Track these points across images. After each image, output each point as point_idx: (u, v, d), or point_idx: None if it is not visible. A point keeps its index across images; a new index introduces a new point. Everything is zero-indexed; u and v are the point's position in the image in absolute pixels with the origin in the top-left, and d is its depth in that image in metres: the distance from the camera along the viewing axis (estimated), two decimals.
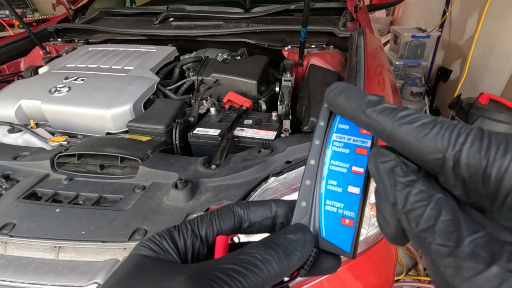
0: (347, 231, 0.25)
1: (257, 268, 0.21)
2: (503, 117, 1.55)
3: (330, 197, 0.26)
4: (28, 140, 0.94)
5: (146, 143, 0.84)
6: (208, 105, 1.05)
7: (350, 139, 0.26)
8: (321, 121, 0.27)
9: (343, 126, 0.26)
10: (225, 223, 0.26)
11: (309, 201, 0.26)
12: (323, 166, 0.26)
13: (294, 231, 0.25)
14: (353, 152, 0.26)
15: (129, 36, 1.53)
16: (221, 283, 0.20)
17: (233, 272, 0.21)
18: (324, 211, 0.26)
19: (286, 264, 0.23)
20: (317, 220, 0.26)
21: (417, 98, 2.89)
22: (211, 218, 0.26)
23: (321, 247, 0.26)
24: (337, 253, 0.25)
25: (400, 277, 1.55)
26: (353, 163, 0.26)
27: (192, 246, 0.25)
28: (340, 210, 0.26)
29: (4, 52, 1.43)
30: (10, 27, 3.30)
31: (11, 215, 0.65)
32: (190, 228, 0.25)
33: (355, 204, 0.25)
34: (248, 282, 0.21)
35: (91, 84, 1.04)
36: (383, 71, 1.08)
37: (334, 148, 0.26)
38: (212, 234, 0.26)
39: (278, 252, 0.23)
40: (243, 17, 1.48)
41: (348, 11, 1.45)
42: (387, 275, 0.75)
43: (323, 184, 0.26)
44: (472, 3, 2.45)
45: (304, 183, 0.27)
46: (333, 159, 0.26)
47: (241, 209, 0.27)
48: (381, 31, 4.40)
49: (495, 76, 2.20)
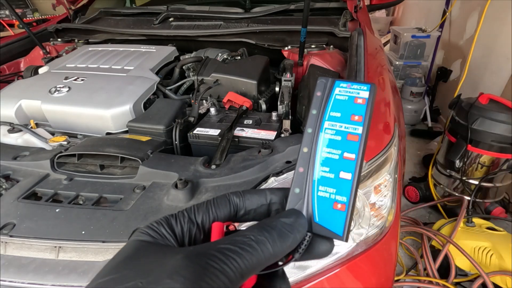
0: (340, 215, 0.26)
1: (252, 248, 0.22)
2: (503, 117, 1.55)
3: (322, 183, 0.27)
4: (28, 140, 0.94)
5: (146, 143, 0.84)
6: (208, 105, 1.05)
7: (342, 126, 0.27)
8: (313, 109, 0.28)
9: (335, 114, 0.27)
10: (221, 211, 0.27)
11: (303, 188, 0.27)
12: (316, 153, 0.27)
13: (288, 215, 0.26)
14: (345, 139, 0.27)
15: (129, 36, 1.53)
16: (217, 261, 0.21)
17: (229, 251, 0.22)
18: (317, 197, 0.27)
19: (280, 246, 0.24)
20: (310, 205, 0.27)
21: (417, 98, 2.89)
22: (207, 206, 0.27)
23: (315, 231, 0.26)
24: (330, 236, 0.26)
25: (400, 277, 1.55)
26: (345, 149, 0.26)
27: (189, 232, 0.26)
28: (332, 195, 0.26)
29: (4, 52, 1.43)
30: (10, 27, 3.30)
31: (11, 215, 0.65)
32: (187, 215, 0.26)
33: (347, 189, 0.26)
34: (243, 261, 0.21)
35: (91, 84, 1.04)
36: (383, 71, 1.08)
37: (326, 136, 0.27)
38: (208, 221, 0.26)
39: (272, 234, 0.24)
40: (243, 17, 1.47)
41: (348, 11, 1.45)
42: (387, 275, 0.75)
43: (316, 170, 0.27)
44: (472, 3, 2.45)
45: (298, 170, 0.27)
46: (326, 146, 0.27)
47: (236, 198, 0.28)
48: (381, 31, 4.40)
49: (495, 76, 2.20)
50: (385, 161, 0.73)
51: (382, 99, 0.90)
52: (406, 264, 1.65)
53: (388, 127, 0.79)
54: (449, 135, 1.82)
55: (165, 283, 0.19)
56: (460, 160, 1.73)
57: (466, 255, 1.41)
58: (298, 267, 0.66)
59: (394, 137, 0.78)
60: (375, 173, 0.71)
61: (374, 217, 0.71)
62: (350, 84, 0.28)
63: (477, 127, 1.61)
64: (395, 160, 0.77)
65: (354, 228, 0.69)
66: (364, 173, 0.69)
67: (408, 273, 1.58)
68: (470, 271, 1.47)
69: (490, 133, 1.59)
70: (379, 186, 0.72)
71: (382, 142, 0.74)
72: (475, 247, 1.48)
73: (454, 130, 1.76)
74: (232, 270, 0.21)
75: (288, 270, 0.66)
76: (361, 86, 0.27)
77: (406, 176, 2.28)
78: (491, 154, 1.64)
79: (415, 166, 2.45)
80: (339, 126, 0.27)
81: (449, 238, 1.48)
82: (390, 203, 0.74)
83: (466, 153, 1.70)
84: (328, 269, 0.67)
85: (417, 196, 2.04)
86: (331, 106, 0.27)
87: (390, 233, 0.75)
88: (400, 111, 1.10)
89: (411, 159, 2.51)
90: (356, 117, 0.27)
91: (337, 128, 0.27)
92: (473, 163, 1.72)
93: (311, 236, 0.26)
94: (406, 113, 2.87)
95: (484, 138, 1.61)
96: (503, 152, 1.62)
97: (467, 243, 1.49)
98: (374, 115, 0.77)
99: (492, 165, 1.68)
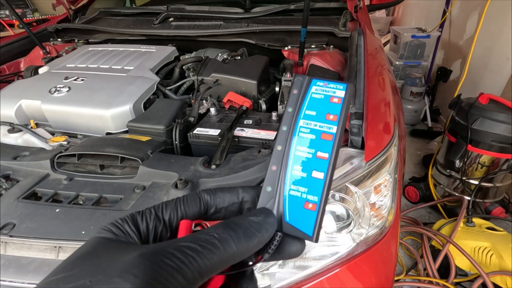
0: (310, 215, 0.26)
1: (214, 246, 0.21)
2: (503, 117, 1.55)
3: (295, 182, 0.26)
4: (28, 140, 0.94)
5: (146, 143, 0.84)
6: (208, 105, 1.05)
7: (317, 125, 0.27)
8: (289, 107, 0.28)
9: (310, 112, 0.27)
10: (190, 209, 0.26)
11: (275, 186, 0.27)
12: (290, 151, 0.27)
13: (257, 214, 0.26)
14: (319, 138, 0.26)
15: (129, 36, 1.53)
16: (174, 259, 0.20)
17: (188, 249, 0.21)
18: (289, 196, 0.26)
19: (245, 244, 0.23)
20: (281, 204, 0.26)
21: (417, 98, 2.89)
22: (176, 203, 0.26)
23: (285, 231, 0.26)
24: (300, 237, 0.26)
25: (400, 277, 1.55)
26: (318, 148, 0.26)
27: (154, 229, 0.25)
28: (304, 194, 0.26)
29: (4, 52, 1.43)
30: (10, 27, 3.30)
31: (11, 215, 0.65)
32: (154, 213, 0.25)
33: (318, 188, 0.26)
34: (202, 259, 0.21)
35: (91, 84, 1.04)
36: (383, 71, 1.08)
37: (300, 134, 0.27)
38: (176, 219, 0.26)
39: (237, 232, 0.23)
40: (243, 17, 1.47)
41: (348, 11, 1.45)
42: (387, 275, 0.75)
43: (289, 169, 0.27)
44: (472, 3, 2.45)
45: (271, 169, 0.27)
46: (299, 145, 0.27)
47: (207, 195, 0.27)
48: (381, 31, 4.40)
49: (495, 76, 2.20)
50: (385, 161, 0.73)
51: (382, 99, 0.90)
52: (406, 264, 1.65)
53: (388, 127, 0.79)
54: (449, 135, 1.82)
55: (114, 282, 0.18)
56: (460, 160, 1.73)
57: (466, 255, 1.41)
58: (298, 267, 0.66)
59: (394, 137, 0.78)
60: (375, 173, 0.71)
61: (374, 217, 0.71)
62: (326, 83, 0.28)
63: (477, 127, 1.61)
64: (395, 160, 0.77)
65: (354, 228, 0.69)
66: (364, 173, 0.69)
67: (408, 273, 1.58)
68: (470, 271, 1.47)
69: (490, 133, 1.59)
70: (379, 186, 0.72)
71: (382, 142, 0.74)
72: (475, 247, 1.48)
73: (454, 130, 1.76)
74: (190, 268, 0.20)
75: (288, 270, 0.66)
76: (337, 85, 0.27)
77: (406, 176, 2.28)
78: (491, 154, 1.64)
79: (415, 166, 2.45)
80: (313, 125, 0.27)
81: (449, 238, 1.48)
82: (390, 203, 0.74)
83: (466, 153, 1.70)
84: (328, 269, 0.67)
85: (417, 196, 2.04)
86: (307, 104, 0.27)
87: (390, 233, 0.75)
88: (400, 111, 1.10)
89: (411, 159, 2.51)
90: (331, 116, 0.27)
91: (312, 126, 0.27)
92: (473, 163, 1.72)
93: (281, 236, 0.26)
94: (406, 113, 2.87)
95: (484, 138, 1.61)
96: (503, 152, 1.62)
97: (467, 243, 1.49)
98: (374, 115, 0.77)
99: (492, 165, 1.68)
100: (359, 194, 0.69)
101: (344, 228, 0.69)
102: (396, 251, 0.79)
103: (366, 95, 0.83)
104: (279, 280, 0.66)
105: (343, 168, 0.68)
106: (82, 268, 0.20)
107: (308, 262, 0.67)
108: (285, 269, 0.66)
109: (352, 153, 0.70)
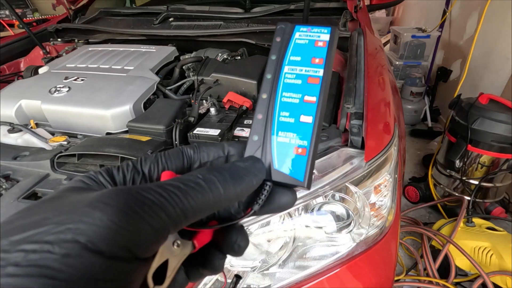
0: (300, 160, 0.25)
1: (198, 185, 0.19)
2: (503, 117, 1.55)
3: (282, 129, 0.26)
4: (28, 140, 0.94)
5: (146, 143, 0.84)
6: (208, 105, 1.05)
7: (302, 69, 0.26)
8: (272, 55, 0.27)
9: (295, 58, 0.27)
10: (172, 162, 0.24)
11: (261, 135, 0.26)
12: (276, 98, 0.26)
13: (244, 160, 0.25)
14: (305, 82, 0.26)
15: (129, 36, 1.53)
16: (154, 193, 0.17)
17: (170, 186, 0.18)
18: (277, 143, 0.26)
19: (232, 187, 0.21)
20: (269, 152, 0.25)
21: (417, 98, 2.89)
22: (156, 156, 0.24)
23: (274, 178, 0.25)
24: (291, 183, 0.25)
25: (400, 277, 1.55)
26: (306, 92, 0.26)
27: (132, 181, 0.22)
28: (292, 140, 0.25)
29: (4, 52, 1.43)
30: (10, 27, 3.30)
31: (11, 215, 0.65)
32: (132, 165, 0.23)
33: (308, 132, 0.25)
34: (186, 197, 0.18)
35: (91, 84, 1.04)
36: (383, 71, 1.08)
37: (286, 80, 0.26)
38: (157, 172, 0.23)
39: (224, 174, 0.21)
40: (243, 17, 1.47)
41: (348, 11, 1.44)
42: (387, 275, 0.75)
43: (276, 116, 0.26)
44: (472, 3, 2.45)
45: (256, 117, 0.26)
46: (285, 91, 0.26)
47: (190, 149, 0.25)
48: (381, 31, 4.40)
49: (495, 76, 2.20)
50: (385, 161, 0.73)
51: (382, 99, 0.90)
52: (406, 264, 1.65)
53: (388, 127, 0.79)
54: (449, 135, 1.82)
55: (82, 212, 0.16)
56: (460, 160, 1.73)
57: (466, 255, 1.41)
58: (298, 267, 0.66)
59: (394, 137, 0.78)
60: (375, 173, 0.71)
61: (374, 217, 0.71)
62: (310, 28, 0.27)
63: (477, 127, 1.61)
64: (395, 160, 0.77)
65: (354, 228, 0.69)
66: (364, 173, 0.69)
67: (408, 273, 1.58)
68: (470, 271, 1.47)
69: (490, 133, 1.59)
70: (379, 186, 0.72)
71: (382, 142, 0.74)
72: (475, 247, 1.48)
73: (454, 130, 1.76)
74: (172, 205, 0.18)
75: (288, 270, 0.66)
76: (321, 29, 0.27)
77: (406, 176, 2.28)
78: (491, 154, 1.64)
79: (415, 166, 2.45)
80: (299, 70, 0.26)
81: (449, 238, 1.48)
82: (390, 203, 0.74)
83: (466, 153, 1.70)
84: (328, 269, 0.67)
85: (417, 196, 2.04)
86: (291, 50, 0.27)
87: (390, 233, 0.75)
88: (400, 111, 1.10)
89: (411, 159, 2.51)
90: (317, 59, 0.26)
91: (297, 72, 0.26)
92: (473, 163, 1.72)
93: (271, 185, 0.25)
94: (406, 113, 2.87)
95: (484, 138, 1.61)
96: (503, 152, 1.62)
97: (467, 243, 1.49)
98: (374, 115, 0.77)
99: (492, 165, 1.69)
100: (359, 194, 0.69)
101: (344, 228, 0.69)
102: (396, 251, 0.79)
103: (366, 95, 0.83)
104: (279, 280, 0.66)
105: (343, 168, 0.68)
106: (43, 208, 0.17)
107: (308, 262, 0.67)
108: (285, 269, 0.66)
109: (352, 153, 0.70)
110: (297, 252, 0.67)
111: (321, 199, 0.67)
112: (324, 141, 0.72)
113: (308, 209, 0.67)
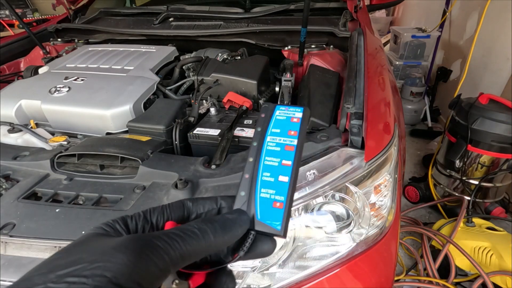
0: (278, 212, 0.30)
1: (194, 234, 0.25)
2: (503, 117, 1.55)
3: (264, 186, 0.31)
4: (28, 140, 0.94)
5: (146, 143, 0.84)
6: (208, 105, 1.05)
7: (281, 139, 0.33)
8: (258, 127, 0.34)
9: (275, 130, 0.34)
10: (175, 213, 0.30)
11: (247, 191, 0.31)
12: (260, 161, 0.32)
13: (232, 213, 0.30)
14: (283, 149, 0.32)
15: (129, 36, 1.53)
16: (161, 241, 0.23)
17: (173, 234, 0.24)
18: (260, 198, 0.31)
19: (221, 236, 0.27)
20: (253, 205, 0.31)
21: (417, 98, 2.89)
22: (162, 208, 0.30)
23: (257, 228, 0.30)
24: (270, 232, 0.30)
25: (400, 277, 1.55)
26: (283, 157, 0.32)
27: (143, 229, 0.28)
28: (272, 195, 0.31)
29: (4, 52, 1.43)
30: (10, 27, 3.30)
31: (11, 215, 0.65)
32: (142, 215, 0.28)
33: (284, 190, 0.31)
34: (184, 244, 0.24)
35: (91, 84, 1.04)
36: (383, 71, 1.08)
37: (268, 147, 0.33)
38: (162, 221, 0.29)
39: (214, 225, 0.27)
40: (243, 17, 1.47)
41: (348, 11, 1.45)
42: (387, 275, 0.75)
43: (259, 176, 0.32)
44: (472, 3, 2.45)
45: (244, 177, 0.32)
46: (268, 156, 0.32)
47: (190, 202, 0.31)
48: (381, 31, 4.40)
49: (495, 76, 2.20)
50: (385, 161, 0.73)
51: (382, 99, 0.90)
52: (406, 264, 1.65)
53: (388, 127, 0.79)
54: (449, 135, 1.82)
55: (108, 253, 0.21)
56: (460, 160, 1.73)
57: (466, 255, 1.41)
58: (298, 267, 0.66)
59: (394, 137, 0.78)
60: (375, 173, 0.71)
61: (374, 217, 0.71)
62: (287, 108, 0.35)
63: (477, 127, 1.61)
64: (395, 160, 0.77)
65: (354, 228, 0.69)
66: (364, 173, 0.69)
67: (408, 273, 1.58)
68: (470, 271, 1.47)
69: (490, 133, 1.59)
70: (379, 186, 0.72)
71: (382, 142, 0.74)
72: (475, 247, 1.48)
73: (454, 130, 1.76)
74: (173, 250, 0.23)
75: (288, 270, 0.66)
76: (296, 109, 0.34)
77: (406, 176, 2.28)
78: (491, 154, 1.64)
79: (415, 166, 2.45)
80: (278, 139, 0.33)
81: (449, 238, 1.48)
82: (390, 203, 0.74)
83: (466, 153, 1.70)
84: (328, 269, 0.67)
85: (417, 196, 2.04)
86: (273, 124, 0.34)
87: (390, 233, 0.75)
88: (400, 111, 1.10)
89: (411, 159, 2.51)
90: (292, 132, 0.33)
91: (277, 141, 0.33)
92: (473, 163, 1.72)
93: (255, 234, 0.30)
94: (406, 113, 2.87)
95: (484, 138, 1.61)
96: (503, 152, 1.62)
97: (467, 243, 1.49)
98: (374, 115, 0.77)
99: (492, 165, 1.68)
100: (359, 194, 0.69)
101: (344, 228, 0.69)
102: (396, 251, 0.79)
103: (366, 95, 0.83)
104: (279, 280, 0.66)
105: (343, 168, 0.68)
106: (77, 249, 0.23)
107: (308, 262, 0.67)
108: (285, 269, 0.66)
109: (352, 153, 0.70)
110: (297, 252, 0.67)
111: (321, 199, 0.67)
112: (324, 141, 0.72)
113: (308, 209, 0.67)
